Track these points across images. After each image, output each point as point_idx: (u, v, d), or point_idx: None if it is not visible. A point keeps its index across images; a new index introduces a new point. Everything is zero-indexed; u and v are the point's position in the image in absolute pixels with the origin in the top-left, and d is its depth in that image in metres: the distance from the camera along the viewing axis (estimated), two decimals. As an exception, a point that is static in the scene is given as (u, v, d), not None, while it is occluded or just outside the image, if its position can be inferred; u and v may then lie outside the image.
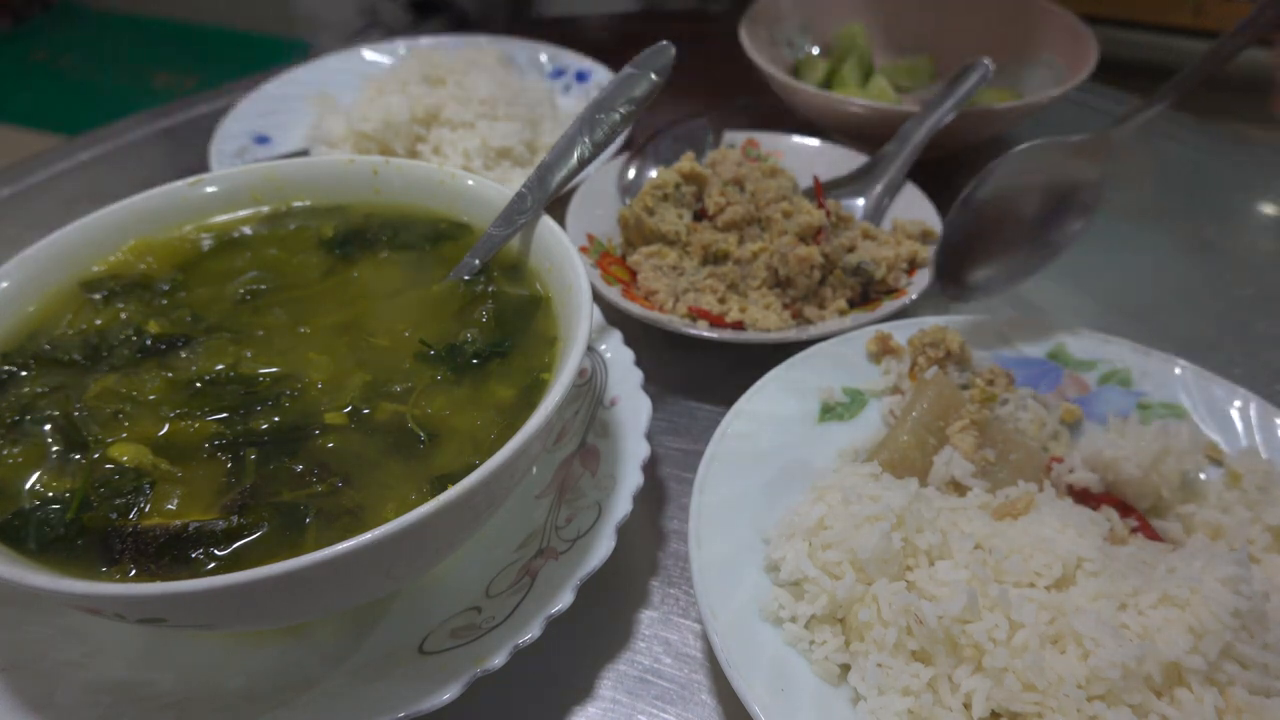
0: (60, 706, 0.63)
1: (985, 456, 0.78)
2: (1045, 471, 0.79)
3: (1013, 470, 0.78)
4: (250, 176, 0.87)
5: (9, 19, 4.61)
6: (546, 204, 0.80)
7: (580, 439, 0.81)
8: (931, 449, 0.80)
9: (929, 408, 0.81)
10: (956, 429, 0.80)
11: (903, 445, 0.80)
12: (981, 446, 0.79)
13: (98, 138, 1.45)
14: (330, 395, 0.69)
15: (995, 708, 0.61)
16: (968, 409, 0.81)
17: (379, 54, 1.51)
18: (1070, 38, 1.33)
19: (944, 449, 0.79)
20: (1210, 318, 1.07)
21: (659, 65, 0.82)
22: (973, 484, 0.77)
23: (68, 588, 0.53)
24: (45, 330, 0.74)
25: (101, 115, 1.51)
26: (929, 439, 0.80)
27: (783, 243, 0.98)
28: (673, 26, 1.75)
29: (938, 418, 0.81)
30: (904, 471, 0.78)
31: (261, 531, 0.59)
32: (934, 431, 0.81)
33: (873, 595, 0.66)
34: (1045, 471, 0.79)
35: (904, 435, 0.80)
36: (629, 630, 0.75)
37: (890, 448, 0.80)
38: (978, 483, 0.77)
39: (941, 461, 0.78)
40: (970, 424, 0.80)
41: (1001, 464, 0.79)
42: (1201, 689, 0.60)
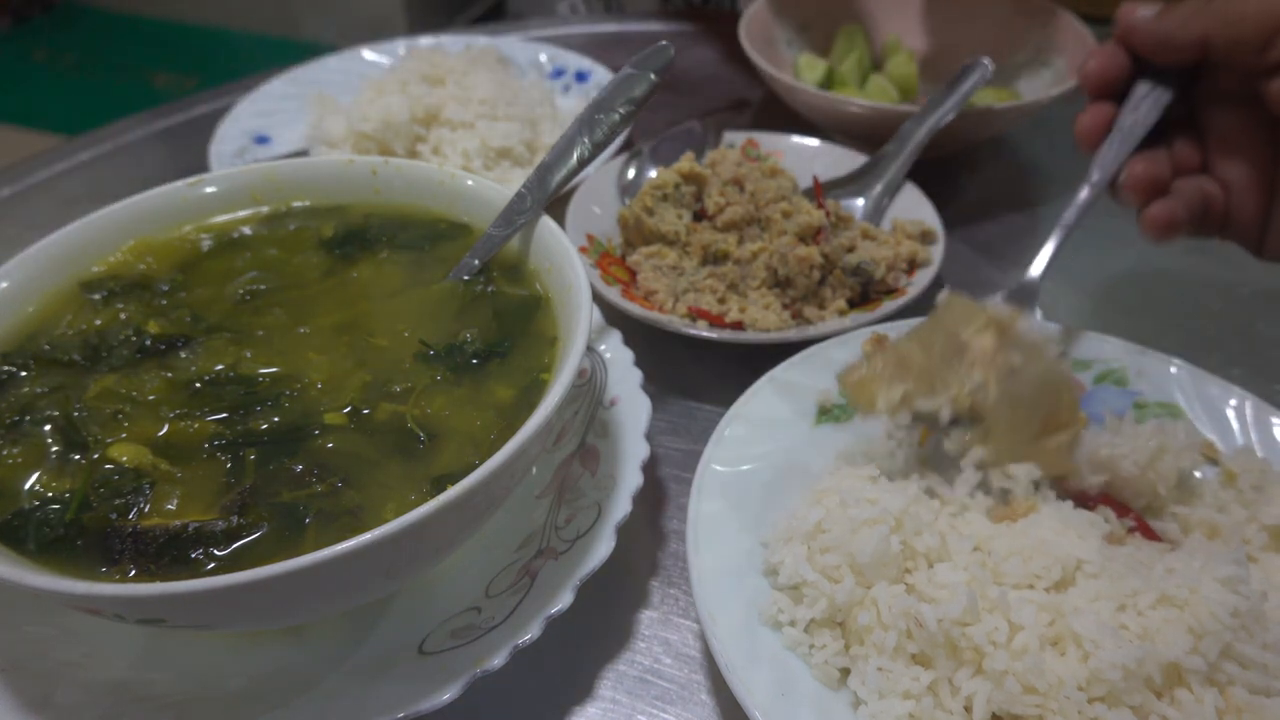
0: (60, 706, 0.63)
1: (1009, 360, 0.70)
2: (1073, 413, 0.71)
3: (1038, 389, 0.70)
4: (250, 177, 0.87)
5: (9, 19, 4.62)
6: (546, 204, 0.80)
7: (580, 439, 0.81)
8: (939, 352, 0.72)
9: (940, 315, 0.74)
10: (973, 330, 0.72)
11: (902, 347, 0.72)
12: (1003, 350, 0.70)
13: (98, 138, 1.45)
14: (330, 395, 0.69)
15: (996, 710, 0.61)
16: (990, 313, 0.72)
17: (379, 54, 1.51)
18: (1070, 38, 1.33)
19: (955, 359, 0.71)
20: (1210, 318, 1.07)
21: (658, 65, 0.82)
22: (986, 398, 0.69)
23: (68, 588, 0.53)
24: (45, 330, 0.74)
25: (101, 115, 1.51)
26: (936, 339, 0.73)
27: (782, 243, 0.98)
28: (673, 26, 1.75)
29: (950, 325, 0.73)
30: (901, 375, 0.71)
31: (261, 532, 0.59)
32: (943, 334, 0.73)
33: (872, 599, 0.66)
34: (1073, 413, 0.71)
35: (905, 340, 0.73)
36: (629, 630, 0.75)
37: (889, 351, 0.73)
38: (998, 401, 0.69)
39: (947, 367, 0.71)
40: (989, 323, 0.71)
41: (1026, 373, 0.70)
42: (1201, 689, 0.60)
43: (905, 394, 0.74)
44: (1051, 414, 0.72)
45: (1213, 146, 0.83)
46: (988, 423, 0.73)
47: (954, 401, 0.73)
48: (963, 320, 0.75)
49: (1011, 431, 0.72)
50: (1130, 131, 0.82)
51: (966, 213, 1.21)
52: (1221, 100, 0.81)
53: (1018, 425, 0.72)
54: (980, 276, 1.14)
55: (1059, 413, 0.72)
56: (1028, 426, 0.72)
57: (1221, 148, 0.82)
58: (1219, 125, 0.82)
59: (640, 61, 0.82)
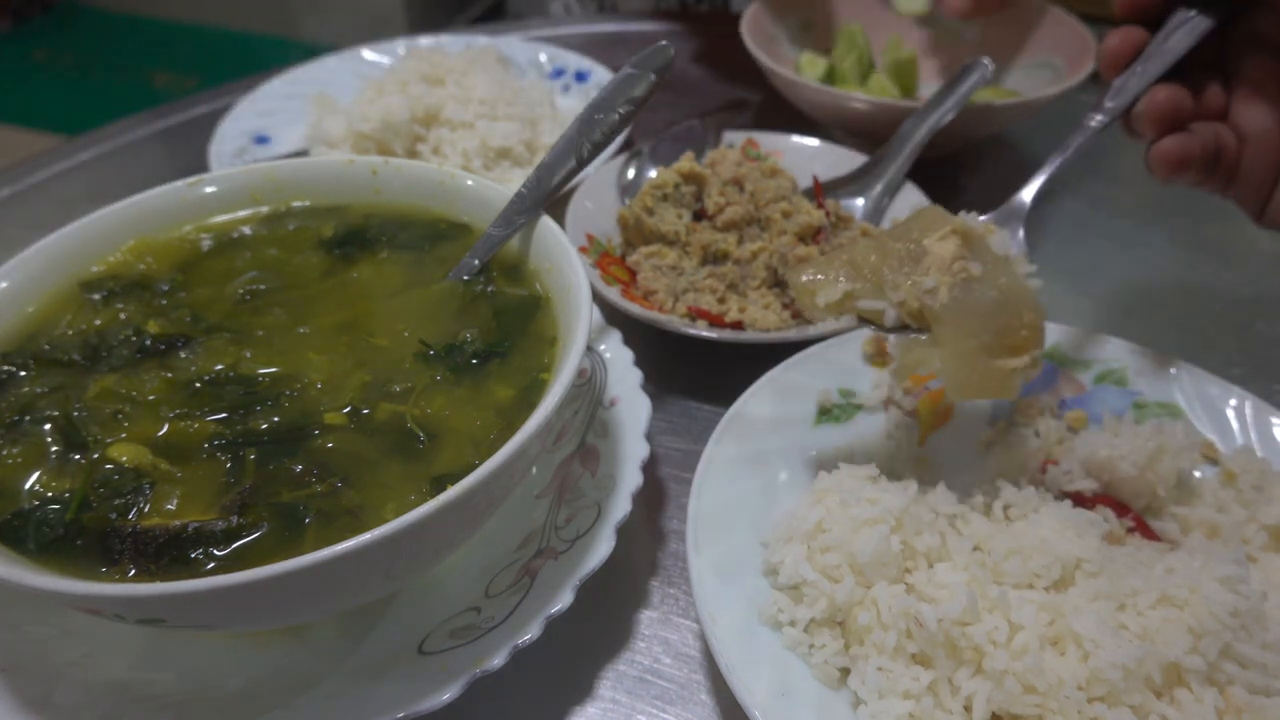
0: (60, 706, 0.63)
1: (967, 268, 0.67)
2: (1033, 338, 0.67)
3: (996, 302, 0.67)
4: (250, 176, 0.87)
5: (9, 19, 4.62)
6: (546, 204, 0.80)
7: (580, 439, 0.81)
8: (896, 256, 0.69)
9: (908, 222, 0.70)
10: (935, 236, 0.69)
11: (858, 248, 0.69)
12: (963, 259, 0.67)
13: (98, 138, 1.45)
14: (330, 395, 0.69)
15: (996, 710, 0.61)
16: (957, 222, 0.70)
17: (378, 54, 1.51)
18: (1070, 37, 1.33)
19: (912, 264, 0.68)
20: (1209, 318, 1.07)
21: (658, 65, 0.82)
22: (935, 302, 0.66)
23: (67, 588, 0.53)
24: (45, 330, 0.74)
25: (101, 115, 1.51)
26: (896, 245, 0.69)
27: (782, 243, 0.98)
28: (672, 26, 1.75)
29: (916, 232, 0.70)
30: (851, 276, 0.69)
31: (261, 532, 0.59)
32: (905, 241, 0.70)
33: (872, 598, 0.66)
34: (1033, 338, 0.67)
35: (864, 242, 0.70)
36: (629, 630, 0.75)
37: (842, 251, 0.70)
38: (947, 306, 0.66)
39: (900, 271, 0.67)
40: (953, 232, 0.69)
41: (986, 285, 0.67)
42: (1201, 689, 0.60)
43: (849, 292, 0.71)
44: (1008, 331, 0.68)
45: (1239, 94, 0.79)
46: (935, 330, 0.69)
47: (901, 304, 0.70)
48: (930, 228, 0.71)
49: (960, 340, 0.68)
50: (1158, 58, 0.77)
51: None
52: (1258, 45, 0.77)
53: (967, 335, 0.68)
54: (980, 276, 1.14)
55: (1016, 333, 0.68)
56: (978, 338, 0.68)
57: (1248, 96, 0.78)
58: (1250, 72, 0.78)
59: (640, 61, 0.82)
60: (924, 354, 0.70)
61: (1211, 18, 0.77)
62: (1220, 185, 0.80)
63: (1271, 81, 0.77)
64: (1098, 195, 1.24)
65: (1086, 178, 1.30)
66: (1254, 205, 0.81)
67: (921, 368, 0.70)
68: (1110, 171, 1.33)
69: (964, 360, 0.68)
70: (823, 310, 0.72)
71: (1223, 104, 0.79)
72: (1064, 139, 0.80)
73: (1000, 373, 0.68)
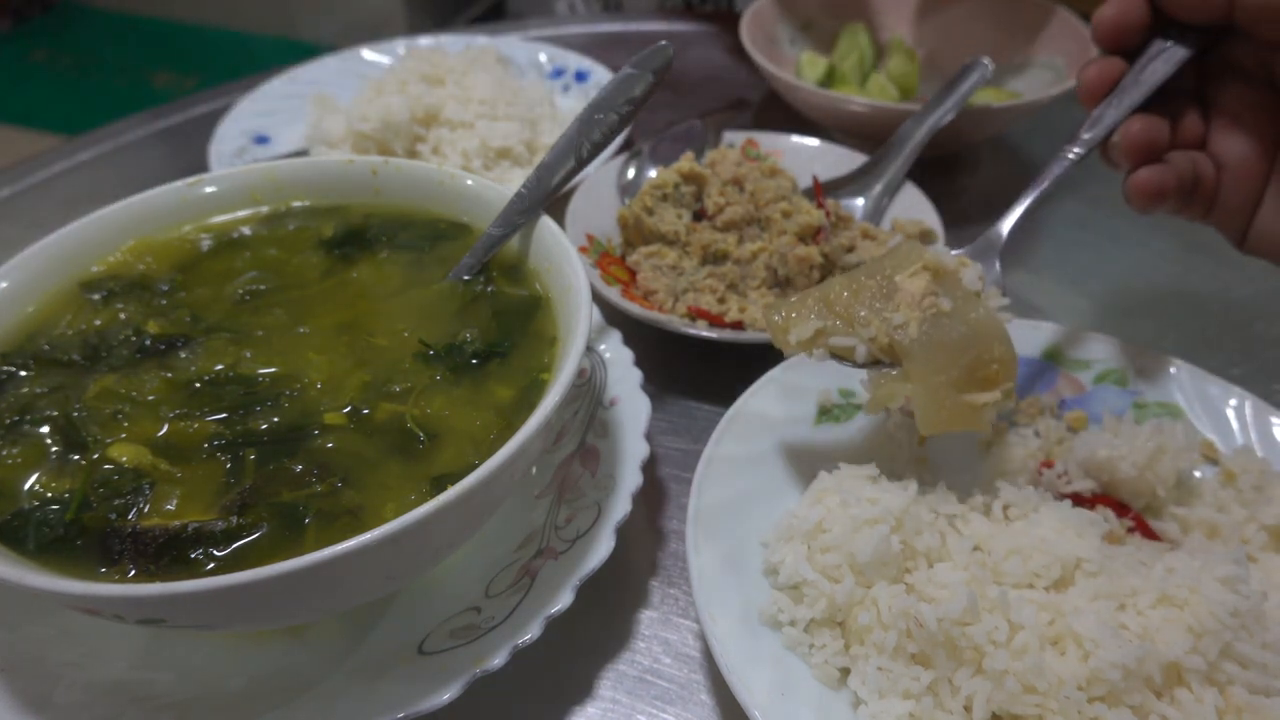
0: (60, 706, 0.63)
1: (937, 304, 0.68)
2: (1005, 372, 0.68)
3: (965, 336, 0.68)
4: (250, 176, 0.87)
5: (9, 19, 4.62)
6: (546, 204, 0.80)
7: (580, 439, 0.81)
8: (868, 293, 0.70)
9: (883, 259, 0.71)
10: (907, 273, 0.70)
11: (830, 287, 0.70)
12: (933, 294, 0.68)
13: (98, 138, 1.45)
14: (330, 395, 0.69)
15: (996, 710, 0.61)
16: (928, 258, 0.70)
17: (378, 54, 1.51)
18: (1070, 38, 1.33)
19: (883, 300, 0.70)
20: (1209, 318, 1.07)
21: (658, 65, 0.82)
22: (905, 338, 0.67)
23: (67, 588, 0.53)
24: (44, 331, 0.74)
25: (101, 115, 1.51)
26: (868, 281, 0.71)
27: (782, 243, 0.98)
28: (674, 26, 1.75)
29: (889, 269, 0.71)
30: (822, 314, 0.70)
31: (261, 532, 0.59)
32: (877, 278, 0.71)
33: (872, 598, 0.66)
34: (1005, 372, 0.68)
35: (835, 280, 0.71)
36: (629, 630, 0.75)
37: (814, 290, 0.71)
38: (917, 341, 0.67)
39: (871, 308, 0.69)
40: (924, 268, 0.70)
41: (956, 320, 0.68)
42: (1201, 689, 0.60)
43: (820, 330, 0.72)
44: (978, 365, 0.69)
45: (1217, 123, 0.79)
46: (906, 365, 0.70)
47: (872, 340, 0.71)
48: (903, 264, 0.72)
49: (930, 375, 0.69)
50: (1136, 88, 0.78)
51: (966, 213, 1.21)
52: (1233, 75, 0.78)
53: (936, 370, 0.69)
54: (980, 276, 1.14)
55: (987, 366, 0.69)
56: (947, 373, 0.68)
57: (1226, 125, 0.79)
58: (1227, 101, 0.79)
59: (640, 61, 0.82)
60: (895, 388, 0.71)
61: (1188, 47, 0.77)
62: (1199, 213, 0.81)
63: (1249, 110, 0.78)
64: (1098, 195, 1.24)
65: (1086, 178, 1.29)
66: (1234, 233, 0.81)
67: (892, 402, 0.71)
68: (1110, 172, 1.32)
69: (934, 394, 0.69)
70: (795, 347, 0.74)
71: (1201, 132, 0.80)
72: (1041, 171, 0.81)
73: (970, 407, 0.69)
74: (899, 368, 0.71)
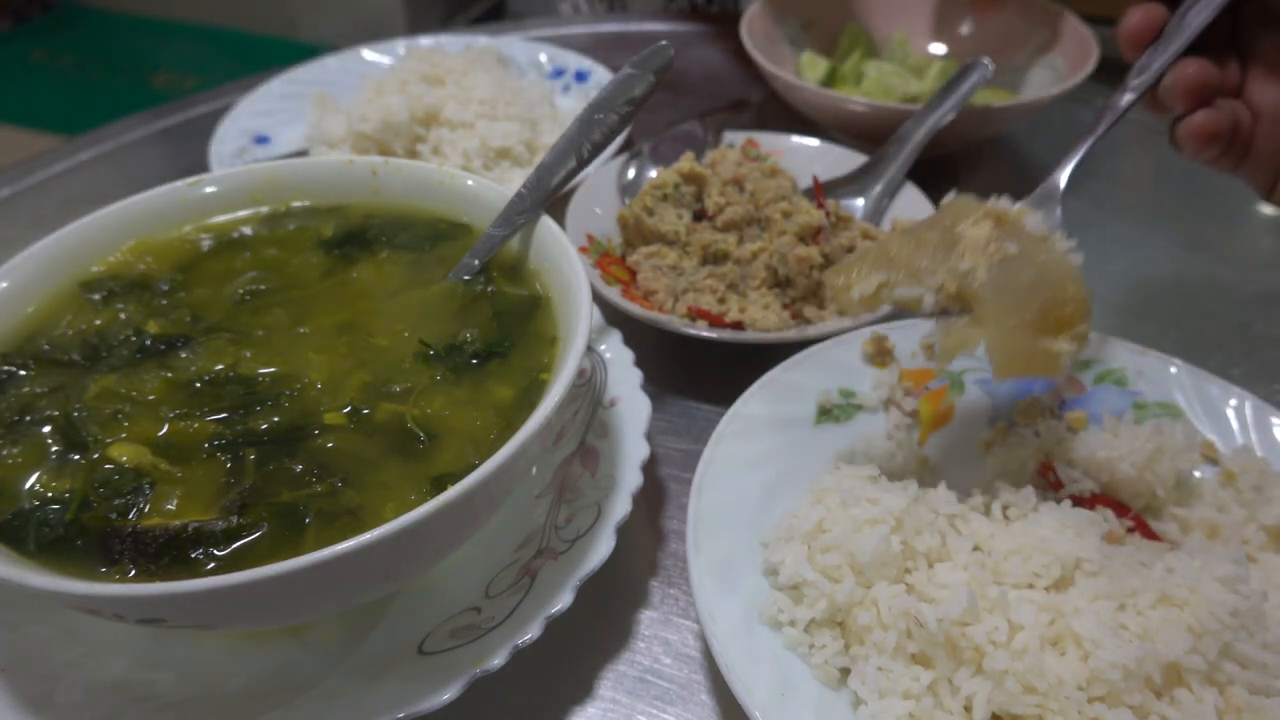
0: (60, 706, 0.63)
1: (1003, 249, 0.67)
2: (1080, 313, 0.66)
3: (1038, 277, 0.66)
4: (250, 176, 0.87)
5: (9, 19, 4.62)
6: (546, 204, 0.80)
7: (580, 439, 0.81)
8: (929, 245, 0.69)
9: (940, 213, 0.70)
10: (968, 222, 0.68)
11: (890, 242, 0.69)
12: (998, 240, 0.67)
13: (98, 138, 1.45)
14: (330, 395, 0.69)
15: (996, 710, 0.61)
16: (989, 206, 0.69)
17: (378, 54, 1.51)
18: (1070, 38, 1.33)
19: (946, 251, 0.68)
20: (1210, 318, 1.07)
21: (658, 65, 0.82)
22: (973, 283, 0.66)
23: (67, 588, 0.53)
24: (44, 331, 0.74)
25: (101, 115, 1.51)
26: (927, 235, 0.69)
27: (782, 243, 0.98)
28: (675, 26, 1.75)
29: (948, 221, 0.69)
30: (878, 266, 0.69)
31: (261, 532, 0.59)
32: (937, 230, 0.69)
33: (872, 598, 0.66)
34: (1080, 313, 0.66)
35: (895, 235, 0.70)
36: (629, 630, 0.75)
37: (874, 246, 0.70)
38: (987, 285, 0.66)
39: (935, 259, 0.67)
40: (986, 216, 0.68)
41: (1025, 262, 0.66)
42: (1201, 689, 0.60)
43: (883, 283, 0.71)
44: (1052, 306, 0.67)
45: (1253, 71, 0.79)
46: (977, 310, 0.68)
47: (939, 289, 0.69)
48: (962, 216, 0.71)
49: (1003, 318, 0.67)
50: (1179, 35, 0.77)
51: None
52: (1271, 21, 0.78)
53: (1010, 312, 0.67)
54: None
55: (1061, 307, 0.67)
56: (1021, 315, 0.67)
57: (1263, 73, 0.78)
58: (1264, 49, 0.78)
59: (640, 62, 0.82)
60: (967, 334, 0.68)
61: None
62: (1232, 164, 0.80)
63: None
64: (1098, 195, 1.24)
65: (1087, 178, 1.29)
66: (1264, 182, 0.81)
67: (965, 349, 0.68)
68: (1110, 171, 1.33)
69: (1009, 337, 0.67)
70: (859, 304, 0.72)
71: (1237, 81, 0.80)
72: (1094, 119, 0.80)
73: (1047, 352, 0.67)
74: (968, 316, 0.69)
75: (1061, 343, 0.67)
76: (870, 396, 0.86)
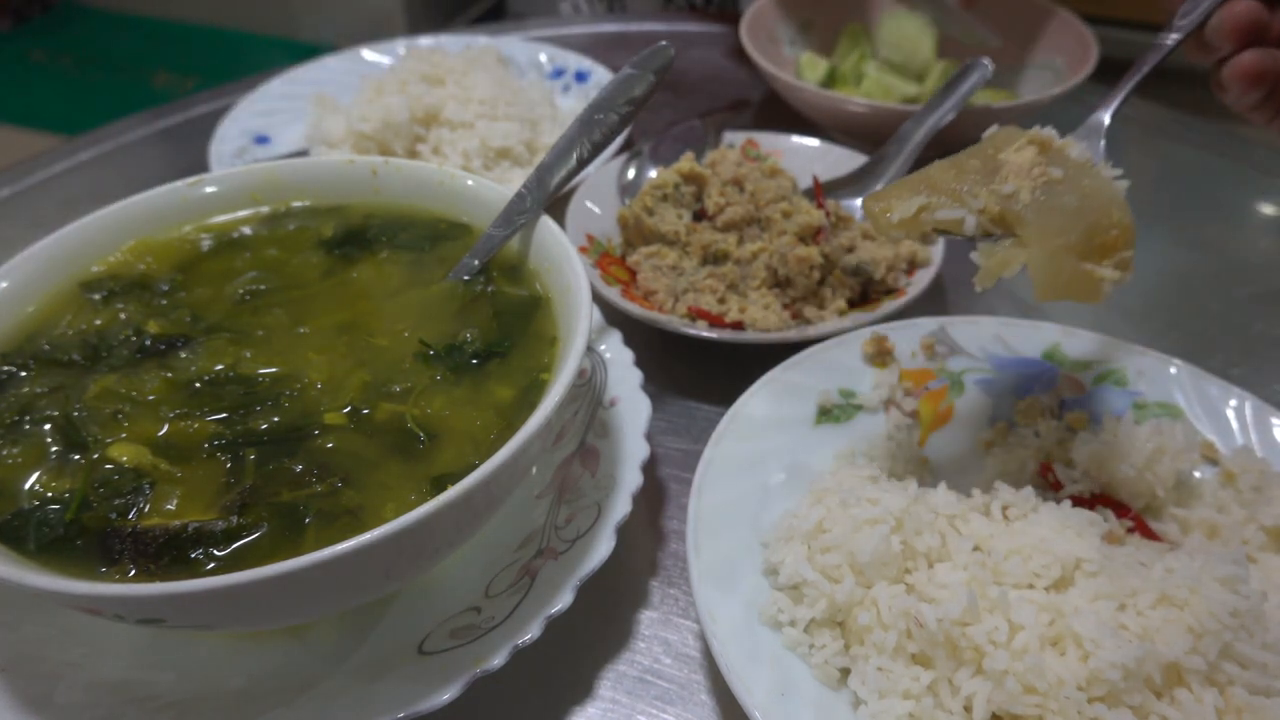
0: (60, 706, 0.63)
1: (1047, 173, 0.66)
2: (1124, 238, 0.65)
3: (1082, 200, 0.65)
4: (250, 177, 0.87)
5: (9, 19, 4.61)
6: (546, 204, 0.80)
7: (580, 439, 0.81)
8: (972, 171, 0.68)
9: (983, 143, 0.69)
10: (1013, 148, 0.68)
11: (933, 170, 0.68)
12: (1042, 165, 0.66)
13: (98, 138, 1.45)
14: (330, 395, 0.69)
15: (996, 710, 0.61)
16: (1032, 133, 0.68)
17: (378, 54, 1.51)
18: (1071, 38, 1.33)
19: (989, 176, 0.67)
20: (1210, 318, 1.07)
21: (658, 65, 0.82)
22: (1017, 205, 0.65)
23: (67, 588, 0.53)
24: (44, 331, 0.74)
25: (101, 115, 1.51)
26: (969, 161, 0.69)
27: (782, 243, 0.98)
28: (675, 26, 1.75)
29: (990, 148, 0.69)
30: (918, 191, 0.69)
31: (261, 532, 0.59)
32: (980, 157, 0.69)
33: (872, 598, 0.66)
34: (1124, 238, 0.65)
35: (938, 164, 0.69)
36: (629, 630, 0.75)
37: (916, 174, 0.69)
38: (1030, 207, 0.65)
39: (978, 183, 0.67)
40: (1029, 142, 0.67)
41: (1069, 186, 0.65)
42: (1201, 689, 0.60)
43: (924, 205, 0.70)
44: (1096, 231, 0.66)
45: None
46: (1020, 232, 0.67)
47: (981, 211, 0.69)
48: (1003, 145, 0.70)
49: (1047, 239, 0.66)
50: None
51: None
52: None
53: (1054, 233, 0.66)
54: (980, 276, 1.14)
55: (1105, 232, 0.66)
56: (1065, 237, 0.65)
57: None
58: None
59: (640, 62, 0.82)
60: (1009, 255, 0.67)
61: None
62: (1271, 114, 0.80)
63: None
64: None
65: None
66: None
67: (1007, 270, 0.68)
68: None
69: (1053, 259, 0.66)
70: (898, 227, 0.70)
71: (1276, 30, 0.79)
72: (1140, 57, 0.79)
73: (1090, 276, 0.66)
74: (1011, 238, 0.68)
75: (1105, 269, 0.66)
76: (870, 396, 0.86)
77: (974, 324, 0.92)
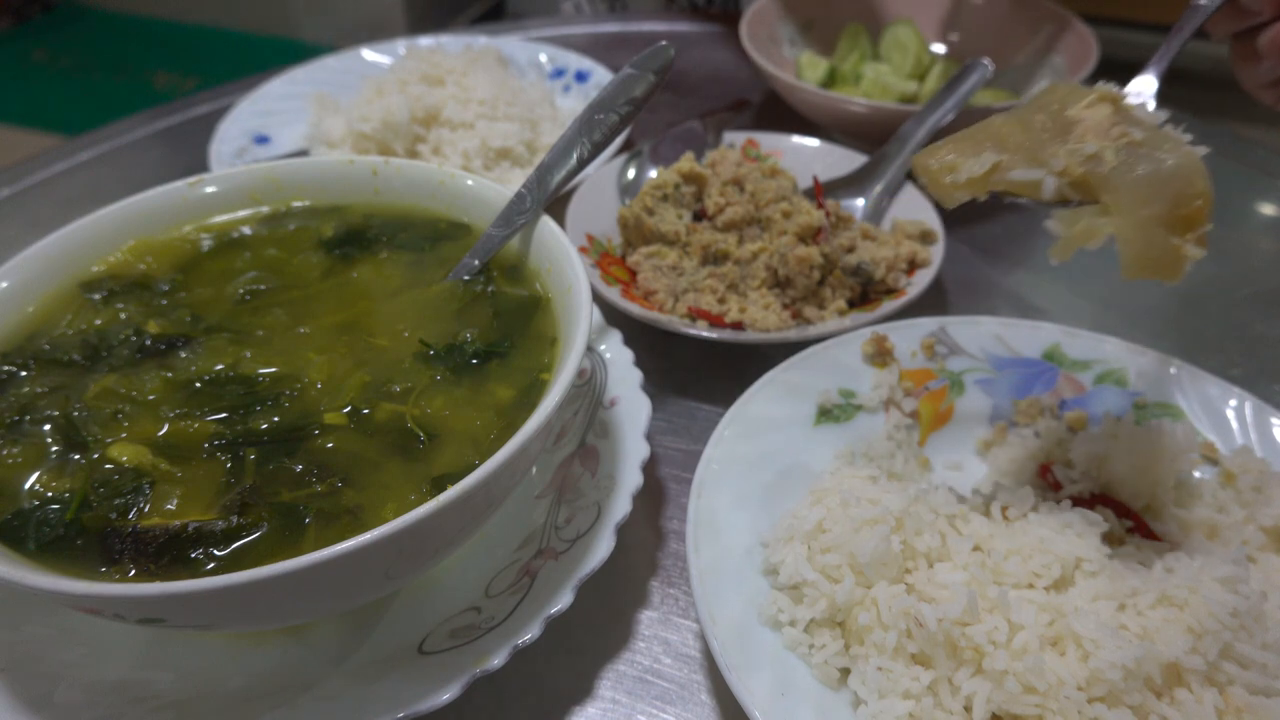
0: (60, 706, 0.63)
1: (1128, 134, 0.61)
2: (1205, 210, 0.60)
3: (1169, 164, 0.60)
4: (250, 177, 0.87)
5: (9, 19, 4.62)
6: (546, 204, 0.80)
7: (580, 439, 0.81)
8: (1041, 128, 0.63)
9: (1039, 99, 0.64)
10: (1085, 105, 0.63)
11: (995, 123, 0.63)
12: (1121, 123, 0.61)
13: (98, 138, 1.45)
14: (330, 395, 0.69)
15: (996, 710, 0.61)
16: (1101, 89, 0.64)
17: (378, 54, 1.51)
18: (1071, 38, 1.33)
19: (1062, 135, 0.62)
20: (1210, 318, 1.07)
21: (658, 65, 0.82)
22: (1102, 168, 0.60)
23: (67, 588, 0.53)
24: (45, 330, 0.74)
25: (101, 115, 1.51)
26: (1034, 116, 0.64)
27: (782, 243, 0.98)
28: (676, 26, 1.75)
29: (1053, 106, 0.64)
30: (984, 147, 0.63)
31: (261, 531, 0.59)
32: (1045, 113, 0.64)
33: (872, 598, 0.66)
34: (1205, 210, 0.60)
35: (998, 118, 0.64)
36: (629, 630, 0.75)
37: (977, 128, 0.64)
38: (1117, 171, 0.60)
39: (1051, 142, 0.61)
40: (1101, 99, 0.63)
41: (1151, 150, 0.60)
42: (1201, 689, 0.60)
43: (997, 164, 0.64)
44: (1181, 201, 0.61)
45: None
46: (1106, 198, 0.62)
47: (1060, 173, 0.63)
48: (1068, 100, 0.64)
49: (1137, 208, 0.61)
50: None
51: (966, 213, 1.21)
52: None
53: (1143, 202, 0.61)
54: (980, 276, 1.14)
55: (1190, 202, 0.61)
56: (1155, 206, 0.60)
57: None
58: None
59: (640, 62, 0.82)
60: (1095, 225, 0.63)
61: None
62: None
63: None
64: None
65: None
66: None
67: (1090, 241, 0.63)
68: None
69: (1142, 230, 0.61)
70: (962, 187, 0.65)
71: None
72: (1180, 21, 0.77)
73: (1175, 251, 0.62)
74: (1092, 205, 0.63)
75: (1188, 244, 0.62)
76: (870, 396, 0.86)
77: (974, 324, 0.92)
